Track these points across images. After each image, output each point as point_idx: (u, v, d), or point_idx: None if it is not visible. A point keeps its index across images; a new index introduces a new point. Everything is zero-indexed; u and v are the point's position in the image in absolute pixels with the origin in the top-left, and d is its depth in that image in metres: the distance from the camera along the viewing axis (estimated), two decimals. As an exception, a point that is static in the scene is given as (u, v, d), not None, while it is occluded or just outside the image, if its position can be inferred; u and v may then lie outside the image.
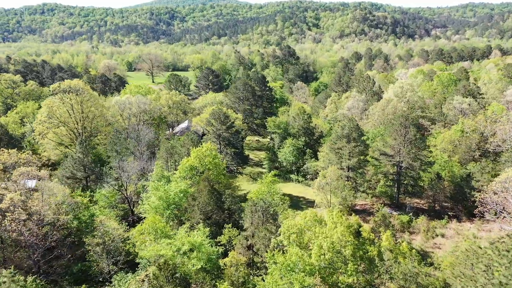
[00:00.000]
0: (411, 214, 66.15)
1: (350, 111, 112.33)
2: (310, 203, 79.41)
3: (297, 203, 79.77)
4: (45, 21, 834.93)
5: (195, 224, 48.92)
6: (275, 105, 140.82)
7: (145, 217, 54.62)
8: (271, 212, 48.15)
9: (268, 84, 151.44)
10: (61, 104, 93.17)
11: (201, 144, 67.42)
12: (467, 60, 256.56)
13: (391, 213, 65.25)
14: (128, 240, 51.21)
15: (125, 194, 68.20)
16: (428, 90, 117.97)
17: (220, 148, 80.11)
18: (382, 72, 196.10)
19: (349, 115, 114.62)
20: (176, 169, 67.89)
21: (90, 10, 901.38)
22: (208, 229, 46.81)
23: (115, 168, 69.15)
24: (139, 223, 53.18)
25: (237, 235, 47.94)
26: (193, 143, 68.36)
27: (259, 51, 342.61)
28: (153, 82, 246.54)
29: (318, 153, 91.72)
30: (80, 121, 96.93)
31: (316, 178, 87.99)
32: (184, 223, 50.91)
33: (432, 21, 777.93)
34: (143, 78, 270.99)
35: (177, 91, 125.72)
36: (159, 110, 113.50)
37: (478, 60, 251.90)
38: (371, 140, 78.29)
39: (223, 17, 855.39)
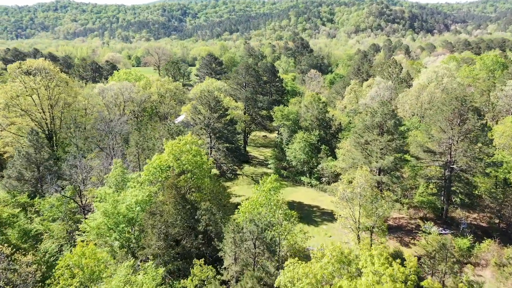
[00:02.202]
0: (469, 235, 47.24)
1: (374, 101, 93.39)
2: (327, 215, 61.23)
3: (309, 215, 61.69)
4: (58, 18, 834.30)
5: (140, 262, 31.33)
6: (285, 97, 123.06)
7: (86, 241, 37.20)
8: (269, 239, 30.35)
9: (278, 75, 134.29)
10: (23, 88, 76.73)
11: (181, 135, 49.74)
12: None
13: (445, 233, 46.60)
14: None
15: (80, 202, 51.10)
16: (468, 75, 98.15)
17: (211, 142, 62.59)
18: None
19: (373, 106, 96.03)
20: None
21: (102, 7, 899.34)
22: (162, 270, 29.22)
23: (69, 168, 52.18)
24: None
25: (215, 277, 30.22)
26: (170, 134, 50.81)
27: (270, 43, 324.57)
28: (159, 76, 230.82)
29: (336, 150, 73.78)
30: (48, 110, 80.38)
31: (335, 181, 69.86)
32: (136, 256, 33.37)
33: (451, 16, 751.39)
34: (150, 73, 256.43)
35: (170, 78, 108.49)
36: (147, 98, 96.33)
37: (511, 50, 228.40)
38: (405, 133, 59.70)
39: (236, 13, 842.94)
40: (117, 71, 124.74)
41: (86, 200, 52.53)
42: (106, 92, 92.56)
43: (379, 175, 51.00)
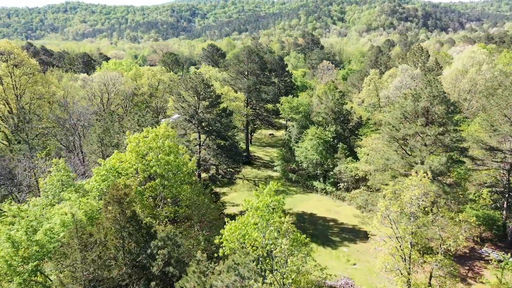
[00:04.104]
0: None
1: (399, 92, 79.59)
2: (348, 232, 47.62)
3: (324, 232, 48.09)
4: (68, 19, 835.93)
5: None
6: (295, 93, 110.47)
7: None
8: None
9: (287, 69, 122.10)
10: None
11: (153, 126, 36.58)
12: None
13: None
14: None
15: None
16: (510, 62, 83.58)
17: (199, 138, 49.52)
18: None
19: (396, 99, 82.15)
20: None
21: (111, 8, 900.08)
22: None
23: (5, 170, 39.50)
24: None
25: None
26: (141, 127, 37.85)
27: (279, 39, 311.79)
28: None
29: (357, 149, 60.45)
30: (16, 104, 68.21)
31: (355, 187, 56.31)
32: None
33: (465, 15, 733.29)
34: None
35: (164, 68, 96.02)
36: (135, 90, 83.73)
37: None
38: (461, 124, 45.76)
39: (245, 14, 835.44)
40: (107, 62, 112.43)
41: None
42: (87, 83, 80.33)
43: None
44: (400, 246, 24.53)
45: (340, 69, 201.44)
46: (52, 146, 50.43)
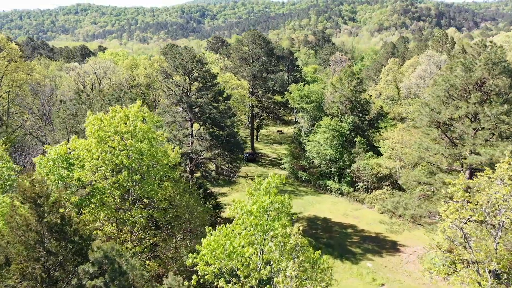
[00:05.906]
0: None
1: (423, 82, 70.89)
2: (370, 241, 39.03)
3: (341, 241, 39.53)
4: (78, 20, 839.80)
5: None
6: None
7: None
8: None
9: (296, 63, 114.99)
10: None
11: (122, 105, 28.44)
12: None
13: None
14: None
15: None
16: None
17: (192, 127, 41.42)
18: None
19: (418, 90, 73.35)
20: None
21: (121, 10, 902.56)
22: None
23: None
24: None
25: None
26: (111, 106, 30.01)
27: (288, 37, 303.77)
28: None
29: (377, 143, 52.08)
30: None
31: (377, 188, 47.84)
32: None
33: (479, 15, 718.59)
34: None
35: (161, 57, 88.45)
36: (130, 80, 76.31)
37: None
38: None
39: (255, 14, 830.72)
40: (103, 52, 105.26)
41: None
42: (76, 71, 73.11)
43: (470, 178, 28.63)
44: (477, 275, 15.98)
45: (353, 66, 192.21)
46: (22, 135, 42.88)
